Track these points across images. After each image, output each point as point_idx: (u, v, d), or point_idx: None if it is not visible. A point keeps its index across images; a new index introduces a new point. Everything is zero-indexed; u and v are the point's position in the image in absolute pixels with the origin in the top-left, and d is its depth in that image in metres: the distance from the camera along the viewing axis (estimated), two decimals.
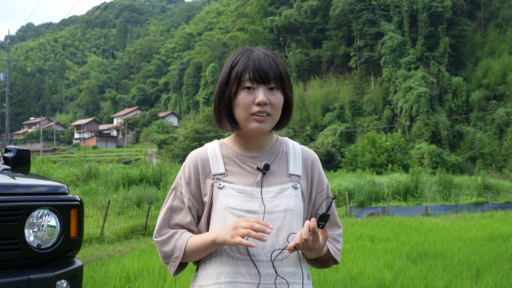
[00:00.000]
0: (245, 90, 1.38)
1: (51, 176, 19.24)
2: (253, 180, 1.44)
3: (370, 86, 58.06)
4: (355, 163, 36.34)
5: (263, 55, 1.41)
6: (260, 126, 1.39)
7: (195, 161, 1.47)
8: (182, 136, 54.83)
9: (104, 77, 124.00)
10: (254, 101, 1.37)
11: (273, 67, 1.39)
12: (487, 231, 10.17)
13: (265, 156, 1.48)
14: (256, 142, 1.49)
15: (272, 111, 1.40)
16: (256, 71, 1.37)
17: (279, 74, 1.40)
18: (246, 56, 1.41)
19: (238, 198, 1.40)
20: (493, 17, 60.71)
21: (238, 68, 1.40)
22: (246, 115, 1.39)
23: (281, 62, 1.43)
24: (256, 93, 1.38)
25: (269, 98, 1.38)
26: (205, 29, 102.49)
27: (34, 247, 2.52)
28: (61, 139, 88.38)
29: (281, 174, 1.47)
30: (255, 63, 1.38)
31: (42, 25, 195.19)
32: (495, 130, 48.29)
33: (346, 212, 17.09)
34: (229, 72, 1.42)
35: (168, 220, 1.44)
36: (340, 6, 58.60)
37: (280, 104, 1.42)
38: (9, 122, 29.38)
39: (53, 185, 2.79)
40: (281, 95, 1.42)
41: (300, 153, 1.54)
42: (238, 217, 1.38)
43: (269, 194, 1.42)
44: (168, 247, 1.41)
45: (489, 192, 22.48)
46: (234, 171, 1.45)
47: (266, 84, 1.38)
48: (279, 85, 1.41)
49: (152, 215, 12.60)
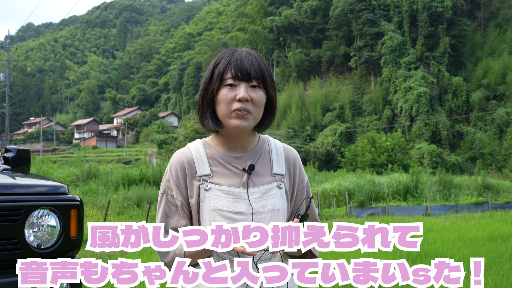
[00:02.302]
0: (227, 87, 1.39)
1: (51, 176, 19.24)
2: (239, 181, 1.45)
3: (370, 86, 58.06)
4: (355, 163, 36.34)
5: (246, 54, 1.43)
6: (241, 123, 1.39)
7: (181, 162, 1.46)
8: (182, 136, 54.85)
9: (104, 77, 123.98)
10: (236, 98, 1.38)
11: (255, 65, 1.41)
12: (487, 231, 10.17)
13: (249, 156, 1.49)
14: (239, 142, 1.49)
15: (253, 108, 1.41)
16: (238, 69, 1.39)
17: (260, 72, 1.41)
18: (229, 55, 1.43)
19: (225, 199, 1.41)
20: (493, 17, 60.70)
21: (220, 66, 1.41)
22: (227, 111, 1.39)
23: (264, 61, 1.45)
24: (238, 90, 1.39)
25: (250, 95, 1.39)
26: (205, 29, 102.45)
27: (34, 247, 2.52)
28: (61, 139, 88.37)
29: (265, 174, 1.49)
30: (237, 61, 1.40)
31: (42, 25, 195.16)
32: (495, 130, 48.29)
33: (346, 212, 17.09)
34: (212, 70, 1.44)
35: (164, 226, 1.44)
36: (340, 6, 58.58)
37: (262, 102, 1.43)
38: (9, 122, 29.38)
39: (53, 185, 2.80)
40: (263, 93, 1.43)
41: (282, 152, 1.56)
42: (227, 218, 1.39)
43: (256, 195, 1.44)
44: (167, 259, 1.41)
45: (489, 192, 22.49)
46: (219, 172, 1.45)
47: (247, 81, 1.40)
48: (261, 83, 1.42)
49: (152, 215, 12.60)
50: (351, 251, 1.69)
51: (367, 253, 1.32)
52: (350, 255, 5.37)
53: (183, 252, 1.38)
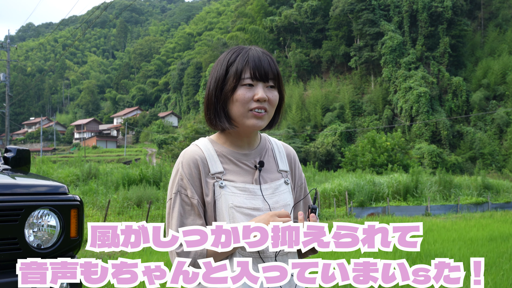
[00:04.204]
0: (245, 86, 1.40)
1: (51, 176, 19.24)
2: (251, 177, 1.45)
3: (370, 86, 58.06)
4: (355, 163, 36.34)
5: (262, 54, 1.43)
6: (258, 122, 1.41)
7: (194, 160, 1.43)
8: (182, 136, 54.84)
9: (104, 77, 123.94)
10: (253, 98, 1.39)
11: (272, 66, 1.42)
12: (487, 231, 10.16)
13: (256, 153, 1.51)
14: (247, 139, 1.50)
15: (270, 108, 1.43)
16: (256, 69, 1.39)
17: (277, 73, 1.44)
18: (245, 54, 1.42)
19: (242, 196, 1.41)
20: (493, 17, 60.71)
21: (238, 65, 1.41)
22: (244, 110, 1.40)
23: (275, 61, 1.47)
24: (256, 90, 1.40)
25: (267, 95, 1.41)
26: (205, 29, 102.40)
27: (34, 247, 2.52)
28: (61, 139, 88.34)
29: (273, 170, 1.51)
30: (255, 60, 1.40)
31: (42, 25, 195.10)
32: (495, 130, 48.29)
33: (346, 212, 17.09)
34: (227, 68, 1.43)
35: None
36: (340, 6, 58.58)
37: (276, 102, 1.45)
38: (9, 122, 29.38)
39: (53, 185, 2.79)
40: (277, 94, 1.45)
41: (283, 149, 1.59)
42: (245, 215, 1.39)
43: (268, 191, 1.45)
44: (188, 259, 1.36)
45: (489, 192, 22.48)
46: (230, 169, 1.45)
47: (265, 82, 1.41)
48: (276, 84, 1.44)
49: (152, 215, 12.60)
50: (351, 251, 1.69)
51: (367, 253, 1.32)
52: (350, 255, 5.37)
53: (205, 251, 1.34)
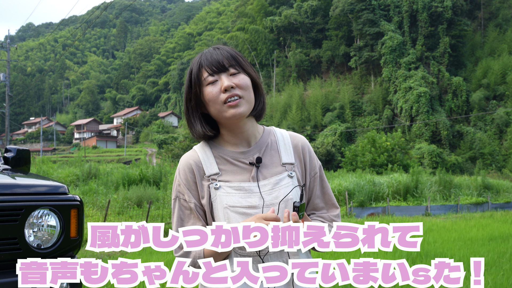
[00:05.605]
0: (209, 85, 1.41)
1: (51, 176, 19.24)
2: (248, 175, 1.45)
3: (370, 86, 58.05)
4: (355, 163, 36.32)
5: (213, 49, 1.45)
6: (236, 110, 1.39)
7: (188, 165, 1.46)
8: (182, 136, 54.80)
9: (104, 77, 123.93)
10: (221, 89, 1.39)
11: (225, 55, 1.42)
12: (487, 231, 10.17)
13: (255, 150, 1.49)
14: (242, 136, 1.49)
15: (242, 92, 1.41)
16: (211, 64, 1.40)
17: (233, 58, 1.42)
18: (198, 58, 1.45)
19: (237, 195, 1.41)
20: (493, 17, 60.69)
21: (194, 70, 1.43)
22: (219, 106, 1.40)
23: (233, 49, 1.46)
24: (220, 82, 1.40)
25: (233, 81, 1.40)
26: (205, 29, 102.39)
27: (34, 247, 2.52)
28: (61, 139, 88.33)
29: (274, 165, 1.48)
30: (207, 58, 1.42)
31: (42, 25, 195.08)
32: (495, 130, 48.28)
33: (346, 212, 17.10)
34: (189, 79, 1.45)
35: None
36: (340, 6, 58.57)
37: (248, 84, 1.43)
38: (9, 122, 29.38)
39: (53, 185, 2.79)
40: (244, 76, 1.43)
41: (290, 140, 1.56)
42: (240, 214, 1.39)
43: (267, 187, 1.43)
44: (188, 259, 1.39)
45: (489, 192, 22.48)
46: (227, 169, 1.45)
47: (225, 71, 1.41)
48: (239, 68, 1.43)
49: (152, 215, 12.60)
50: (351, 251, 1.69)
51: (367, 253, 1.32)
52: (350, 255, 5.37)
53: (203, 252, 1.37)
